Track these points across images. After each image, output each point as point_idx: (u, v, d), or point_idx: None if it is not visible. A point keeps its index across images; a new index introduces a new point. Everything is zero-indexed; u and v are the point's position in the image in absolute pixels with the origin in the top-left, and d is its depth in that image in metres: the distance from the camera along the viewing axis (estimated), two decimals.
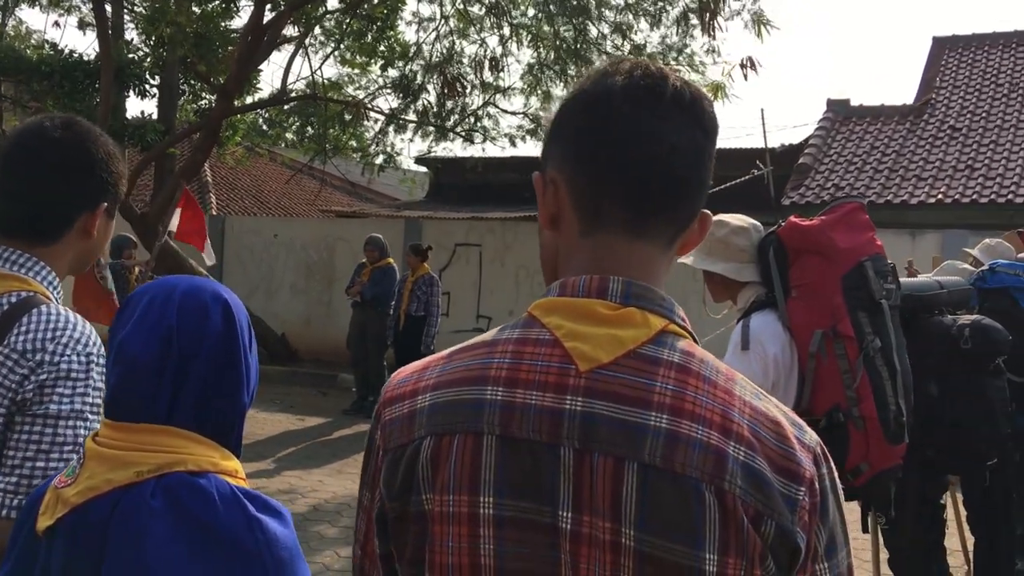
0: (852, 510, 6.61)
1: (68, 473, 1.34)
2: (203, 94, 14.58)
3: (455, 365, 1.05)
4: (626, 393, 0.96)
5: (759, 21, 10.18)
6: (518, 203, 15.21)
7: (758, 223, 3.31)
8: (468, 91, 11.52)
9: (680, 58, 10.90)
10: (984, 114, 14.98)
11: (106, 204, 1.76)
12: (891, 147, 14.70)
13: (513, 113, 12.60)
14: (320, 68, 12.73)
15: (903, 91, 79.63)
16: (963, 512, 5.22)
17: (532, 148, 14.28)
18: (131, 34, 14.45)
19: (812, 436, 1.00)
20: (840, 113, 16.02)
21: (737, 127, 55.03)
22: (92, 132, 1.76)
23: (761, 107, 13.09)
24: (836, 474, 1.00)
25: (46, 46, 14.17)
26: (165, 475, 1.29)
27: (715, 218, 3.34)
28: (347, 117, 12.01)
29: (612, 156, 1.02)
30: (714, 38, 10.42)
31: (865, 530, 4.09)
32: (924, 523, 4.07)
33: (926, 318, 3.84)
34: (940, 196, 12.89)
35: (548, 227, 1.08)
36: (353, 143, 13.99)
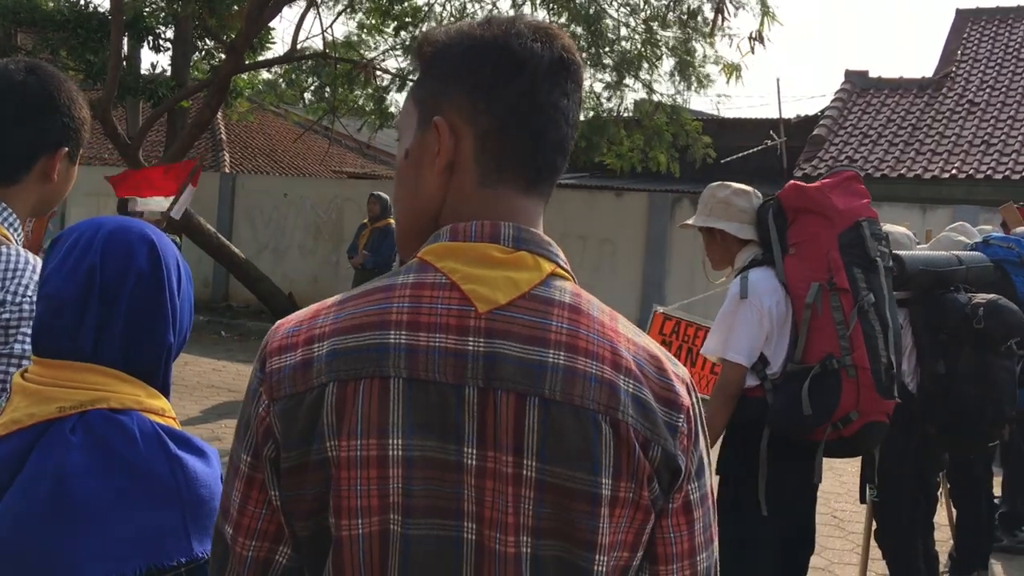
0: (841, 471, 6.63)
1: None
2: (217, 52, 14.55)
3: (351, 311, 1.04)
4: (525, 332, 1.01)
5: (765, 13, 10.18)
6: None
7: (757, 191, 3.43)
8: None
9: (692, 30, 10.78)
10: (1004, 88, 14.77)
11: (67, 148, 1.76)
12: (908, 120, 14.53)
13: None
14: (331, 27, 12.57)
15: (923, 64, 78.58)
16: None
17: None
18: None
19: (683, 369, 1.10)
20: (858, 85, 15.84)
21: (753, 96, 54.37)
22: (56, 77, 1.77)
23: (777, 77, 12.90)
24: (702, 403, 1.11)
25: None
26: (87, 411, 1.30)
27: (716, 183, 3.47)
28: (358, 77, 11.93)
29: (525, 122, 1.07)
30: (723, 27, 10.37)
31: (863, 500, 4.09)
32: (916, 499, 4.07)
33: (941, 294, 3.82)
34: (954, 171, 12.76)
35: (441, 173, 1.09)
36: (371, 105, 13.86)
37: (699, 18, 10.67)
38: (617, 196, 12.94)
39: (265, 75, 16.32)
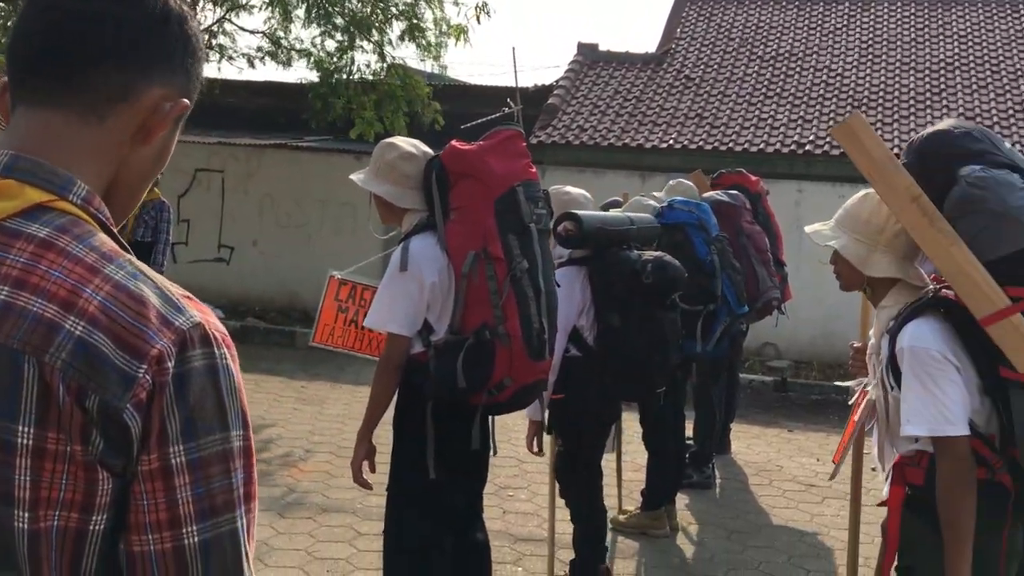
0: (509, 427, 7.04)
1: None
2: None
3: None
4: None
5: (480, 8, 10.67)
6: (267, 129, 14.72)
7: (430, 151, 3.35)
8: (200, 5, 10.88)
9: None
10: (716, 66, 15.99)
11: None
12: (632, 93, 15.41)
13: (252, 32, 12.09)
14: None
15: (649, 39, 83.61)
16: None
17: (277, 72, 13.79)
18: None
19: (189, 320, 0.99)
20: (589, 57, 16.58)
21: (496, 65, 55.81)
22: None
23: (512, 46, 13.31)
24: (223, 360, 1.00)
25: None
26: None
27: (387, 141, 3.39)
28: None
29: (15, 27, 1.04)
30: None
31: (541, 450, 4.29)
32: (598, 444, 4.37)
33: (614, 252, 4.08)
34: (672, 142, 13.71)
35: None
36: None
37: None
38: (356, 159, 12.87)
39: None
